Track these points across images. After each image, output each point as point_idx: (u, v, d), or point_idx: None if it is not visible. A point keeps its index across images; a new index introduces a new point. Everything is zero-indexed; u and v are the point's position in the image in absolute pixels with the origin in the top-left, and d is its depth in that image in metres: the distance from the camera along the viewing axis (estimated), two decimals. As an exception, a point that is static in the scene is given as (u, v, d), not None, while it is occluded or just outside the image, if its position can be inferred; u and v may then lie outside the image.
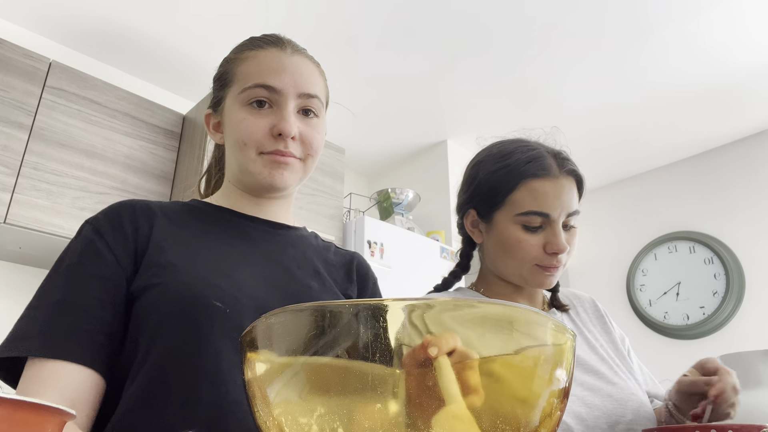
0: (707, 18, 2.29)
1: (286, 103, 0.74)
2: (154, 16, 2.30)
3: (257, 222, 0.79)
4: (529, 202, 0.88)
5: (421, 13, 2.28)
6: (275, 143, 0.73)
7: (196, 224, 0.74)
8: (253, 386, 0.40)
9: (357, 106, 2.90)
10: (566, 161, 0.92)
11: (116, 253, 0.66)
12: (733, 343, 2.95)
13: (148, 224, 0.69)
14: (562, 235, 0.87)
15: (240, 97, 0.74)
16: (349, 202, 3.09)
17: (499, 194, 0.91)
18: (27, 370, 0.59)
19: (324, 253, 0.83)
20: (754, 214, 3.05)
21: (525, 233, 0.88)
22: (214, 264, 0.68)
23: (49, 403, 0.26)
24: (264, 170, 0.73)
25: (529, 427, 0.36)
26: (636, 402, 0.87)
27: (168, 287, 0.63)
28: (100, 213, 0.70)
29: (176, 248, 0.68)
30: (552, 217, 0.87)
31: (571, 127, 3.05)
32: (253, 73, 0.74)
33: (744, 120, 3.01)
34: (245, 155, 0.74)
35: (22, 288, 2.13)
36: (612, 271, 3.54)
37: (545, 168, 0.89)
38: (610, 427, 0.83)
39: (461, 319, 0.37)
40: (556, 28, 2.36)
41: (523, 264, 0.89)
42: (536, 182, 0.88)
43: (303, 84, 0.76)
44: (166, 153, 2.32)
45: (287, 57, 0.77)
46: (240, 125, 0.73)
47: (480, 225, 0.97)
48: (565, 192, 0.88)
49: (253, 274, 0.70)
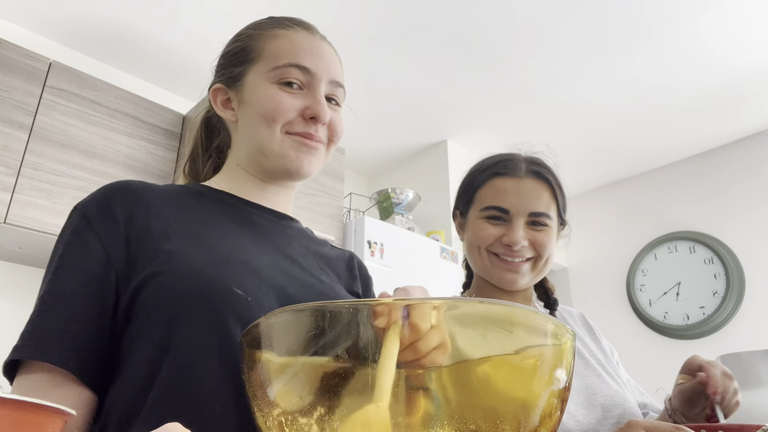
0: (706, 19, 2.29)
1: (318, 86, 0.72)
2: (154, 16, 2.30)
3: (261, 210, 0.75)
4: (491, 198, 0.95)
5: (421, 12, 2.28)
6: (306, 125, 0.71)
7: (200, 208, 0.69)
8: (253, 386, 0.40)
9: (357, 106, 2.90)
10: (535, 164, 0.97)
11: (104, 242, 0.61)
12: (733, 343, 2.95)
13: (145, 208, 0.64)
14: (519, 230, 0.92)
15: (270, 75, 0.71)
16: (349, 202, 3.09)
17: (470, 192, 0.99)
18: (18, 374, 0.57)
19: (322, 248, 0.80)
20: (754, 214, 3.05)
21: (487, 224, 0.94)
22: (227, 250, 0.63)
23: (50, 404, 0.26)
24: (291, 152, 0.70)
25: (529, 427, 0.36)
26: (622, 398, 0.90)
27: (179, 274, 0.58)
28: (89, 196, 0.65)
29: (183, 233, 0.63)
30: (511, 213, 0.93)
31: (571, 127, 3.05)
32: (286, 52, 0.72)
33: (743, 120, 3.01)
34: (271, 133, 0.70)
35: (22, 288, 2.13)
36: (612, 271, 3.54)
37: (509, 168, 0.96)
38: (599, 422, 0.85)
39: (462, 318, 0.37)
40: (557, 29, 2.36)
41: (481, 252, 0.95)
42: (499, 180, 0.95)
43: (334, 70, 0.74)
44: (166, 153, 2.32)
45: (319, 42, 0.75)
46: (271, 101, 0.69)
47: (462, 225, 1.04)
48: (526, 191, 0.94)
49: (269, 263, 0.65)
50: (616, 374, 0.99)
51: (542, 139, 1.03)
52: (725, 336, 3.00)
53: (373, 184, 3.65)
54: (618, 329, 3.38)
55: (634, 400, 0.93)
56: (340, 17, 2.29)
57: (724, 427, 0.57)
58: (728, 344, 2.96)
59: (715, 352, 2.95)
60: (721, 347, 2.97)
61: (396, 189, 2.97)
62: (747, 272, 3.01)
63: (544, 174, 0.96)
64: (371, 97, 2.84)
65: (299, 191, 2.52)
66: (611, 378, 0.95)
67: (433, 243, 2.74)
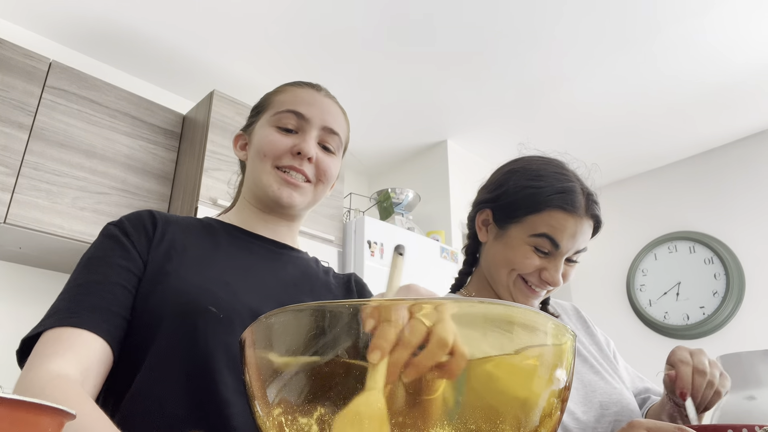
0: (710, 17, 2.29)
1: (310, 129, 0.82)
2: (154, 16, 2.30)
3: (262, 240, 0.84)
4: (546, 229, 0.90)
5: (421, 12, 2.28)
6: (292, 160, 0.80)
7: (205, 238, 0.79)
8: (253, 386, 0.40)
9: (357, 106, 2.90)
10: (595, 205, 0.95)
11: (139, 249, 0.72)
12: (733, 343, 2.94)
13: (162, 232, 0.76)
14: (560, 270, 0.91)
15: (271, 120, 0.83)
16: (349, 202, 3.09)
17: (522, 210, 0.93)
18: (47, 335, 0.61)
19: (324, 277, 0.87)
20: (754, 214, 3.05)
21: (533, 253, 0.91)
22: (215, 273, 0.73)
23: (50, 403, 0.26)
24: (274, 184, 0.80)
25: (529, 427, 0.36)
26: (619, 395, 0.90)
27: (168, 293, 0.68)
28: (123, 217, 0.77)
29: (182, 257, 0.73)
30: (560, 250, 0.90)
31: (572, 126, 3.05)
32: (287, 102, 0.84)
33: (745, 120, 3.01)
34: (262, 166, 0.81)
35: (22, 288, 2.13)
36: (612, 271, 3.54)
37: (574, 204, 0.91)
38: (597, 419, 0.86)
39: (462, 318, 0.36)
40: (557, 29, 2.36)
41: (513, 273, 0.92)
42: (561, 214, 0.90)
43: (329, 119, 0.84)
44: (166, 153, 2.32)
45: (320, 96, 0.86)
46: (265, 139, 0.81)
47: (490, 226, 0.99)
48: (583, 232, 0.92)
49: (252, 286, 0.74)
50: (613, 370, 0.99)
51: (542, 139, 1.03)
52: (725, 336, 3.00)
53: (373, 184, 3.65)
54: (618, 329, 3.38)
55: (632, 397, 0.93)
56: (340, 17, 2.29)
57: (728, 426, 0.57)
58: (728, 344, 2.96)
59: (715, 352, 2.95)
60: (721, 347, 2.97)
61: (396, 189, 2.97)
62: (747, 272, 3.01)
63: (598, 216, 0.95)
64: (371, 97, 2.84)
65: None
66: (609, 375, 0.96)
67: (433, 243, 2.74)
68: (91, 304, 0.64)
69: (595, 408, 0.87)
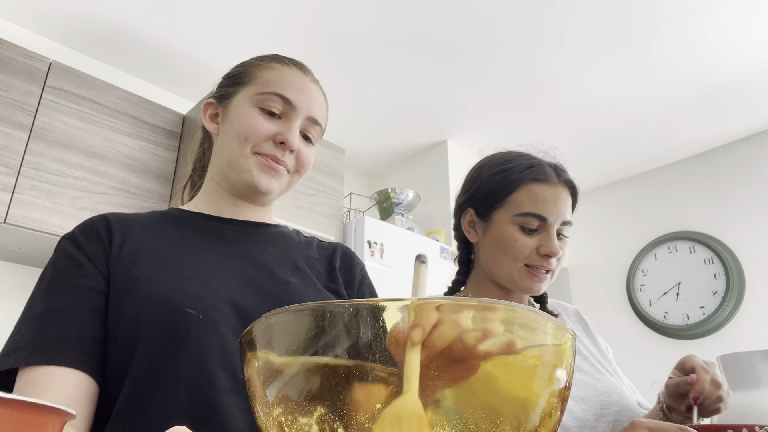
0: (710, 17, 2.29)
1: (296, 118, 0.78)
2: (153, 16, 2.30)
3: (233, 223, 0.80)
4: (529, 204, 0.92)
5: (421, 11, 2.28)
6: (274, 149, 0.76)
7: (172, 233, 0.75)
8: (253, 386, 0.40)
9: (357, 106, 2.90)
10: (564, 172, 0.98)
11: (96, 262, 0.67)
12: (733, 343, 2.95)
13: (121, 236, 0.71)
14: (554, 240, 0.91)
15: (255, 98, 0.77)
16: (349, 202, 3.09)
17: (500, 194, 0.95)
18: (19, 379, 0.59)
19: (305, 250, 0.84)
20: (754, 214, 3.05)
21: (521, 233, 0.92)
22: (189, 272, 0.68)
23: (50, 403, 0.26)
24: (254, 169, 0.76)
25: (529, 427, 0.36)
26: (619, 394, 0.90)
27: (142, 300, 0.64)
28: (75, 228, 0.72)
29: (150, 260, 0.68)
30: (549, 222, 0.92)
31: (571, 126, 3.05)
32: (274, 82, 0.78)
33: (745, 120, 3.01)
34: (241, 150, 0.76)
35: (22, 288, 2.13)
36: (612, 271, 3.54)
37: (545, 174, 0.94)
38: (596, 419, 0.86)
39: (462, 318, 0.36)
40: (557, 29, 2.36)
41: (515, 263, 0.93)
42: (536, 186, 0.93)
43: (314, 108, 0.80)
44: (166, 153, 2.32)
45: (308, 82, 0.82)
46: (247, 121, 0.76)
47: (477, 225, 1.00)
48: (561, 200, 0.93)
49: (230, 277, 0.70)
50: (612, 369, 0.99)
51: (542, 139, 1.04)
52: (725, 336, 3.00)
53: (373, 184, 3.65)
54: (618, 329, 3.38)
55: (631, 396, 0.94)
56: (341, 17, 2.29)
57: (728, 426, 0.57)
58: (728, 344, 2.96)
59: (715, 352, 2.95)
60: (721, 347, 2.97)
61: (396, 189, 2.97)
62: (747, 272, 3.01)
63: (571, 181, 0.97)
64: (371, 97, 2.84)
65: (299, 191, 2.52)
66: (609, 374, 0.96)
67: (433, 243, 2.74)
68: (56, 336, 0.60)
69: (594, 407, 0.87)
